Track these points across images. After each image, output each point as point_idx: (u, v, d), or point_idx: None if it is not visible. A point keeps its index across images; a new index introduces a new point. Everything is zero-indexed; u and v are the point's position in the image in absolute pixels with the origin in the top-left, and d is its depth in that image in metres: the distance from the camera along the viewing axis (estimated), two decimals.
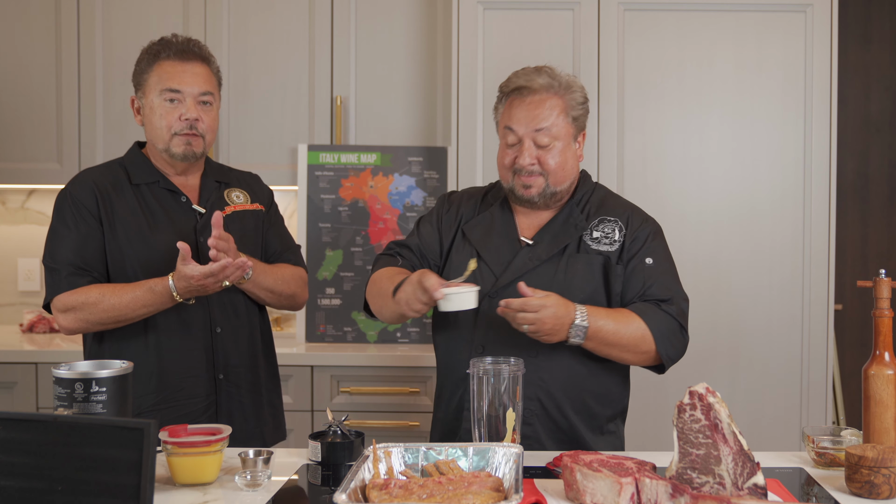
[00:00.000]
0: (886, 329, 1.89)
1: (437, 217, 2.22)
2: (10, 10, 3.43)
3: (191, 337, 2.27)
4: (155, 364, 2.24)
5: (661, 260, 2.11)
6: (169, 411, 2.24)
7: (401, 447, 1.72)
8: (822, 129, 3.11)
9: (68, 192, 2.28)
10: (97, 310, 2.18)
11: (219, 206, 2.34)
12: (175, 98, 2.25)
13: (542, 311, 1.89)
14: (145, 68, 2.29)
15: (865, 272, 4.37)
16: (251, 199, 2.42)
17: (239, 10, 3.42)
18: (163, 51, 2.27)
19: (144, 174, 2.31)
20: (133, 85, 2.33)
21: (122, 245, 2.24)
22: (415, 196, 3.40)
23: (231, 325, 2.31)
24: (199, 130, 2.27)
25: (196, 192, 2.35)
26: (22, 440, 1.44)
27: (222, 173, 2.43)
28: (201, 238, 2.27)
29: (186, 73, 2.26)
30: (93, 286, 2.21)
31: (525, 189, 2.09)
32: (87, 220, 2.24)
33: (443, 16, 3.39)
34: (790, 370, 3.12)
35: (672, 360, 2.06)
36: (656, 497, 1.54)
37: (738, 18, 3.13)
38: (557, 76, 2.10)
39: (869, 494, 1.67)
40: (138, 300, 2.17)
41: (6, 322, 3.73)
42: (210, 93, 2.29)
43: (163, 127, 2.26)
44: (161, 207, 2.29)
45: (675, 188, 3.14)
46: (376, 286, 2.13)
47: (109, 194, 2.27)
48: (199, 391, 2.27)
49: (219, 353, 2.29)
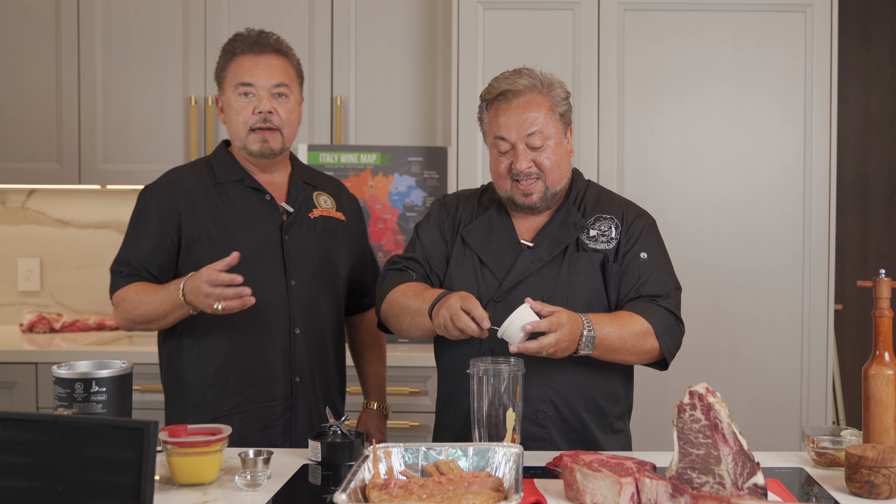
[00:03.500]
0: (886, 329, 1.89)
1: (438, 223, 2.19)
2: (10, 9, 3.43)
3: (269, 337, 2.23)
4: (233, 365, 2.21)
5: (656, 254, 2.11)
6: (245, 415, 2.21)
7: (401, 447, 1.72)
8: (822, 129, 3.11)
9: (149, 193, 2.27)
10: (131, 307, 2.18)
11: (307, 208, 2.32)
12: (248, 92, 2.22)
13: (559, 332, 1.85)
14: (223, 66, 2.27)
15: (865, 272, 4.37)
16: (336, 206, 2.39)
17: (239, 10, 3.42)
18: (237, 46, 2.25)
19: (229, 172, 2.29)
20: (216, 84, 2.31)
21: (205, 245, 2.22)
22: (415, 196, 3.40)
23: (310, 327, 2.27)
24: (273, 124, 2.23)
25: (283, 191, 2.32)
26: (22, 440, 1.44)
27: (310, 175, 2.40)
28: (286, 236, 2.26)
29: (259, 65, 2.23)
30: (133, 284, 2.20)
31: (526, 197, 2.07)
32: (159, 224, 2.23)
33: (443, 16, 3.39)
34: (790, 370, 3.12)
35: (673, 355, 2.06)
36: (656, 497, 1.54)
37: (738, 18, 3.13)
38: (537, 75, 2.08)
39: (869, 494, 1.67)
40: (160, 302, 2.13)
41: (6, 322, 3.73)
42: (285, 84, 2.24)
43: (239, 123, 2.23)
44: (245, 206, 2.26)
45: (674, 188, 3.14)
46: (398, 306, 2.07)
47: (192, 194, 2.25)
48: (276, 394, 2.23)
49: (296, 355, 2.25)
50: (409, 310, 2.04)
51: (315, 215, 2.32)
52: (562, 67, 3.09)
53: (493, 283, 2.08)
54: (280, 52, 2.26)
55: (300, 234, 2.29)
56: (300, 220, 2.30)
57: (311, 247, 2.29)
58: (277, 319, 2.23)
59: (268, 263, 2.24)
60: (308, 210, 2.32)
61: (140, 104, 3.43)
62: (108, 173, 3.43)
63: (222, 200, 2.26)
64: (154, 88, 3.43)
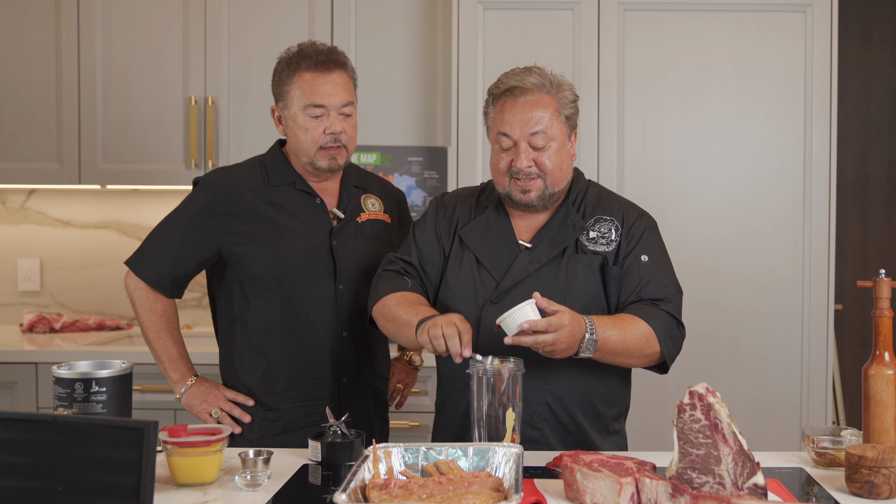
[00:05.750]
0: (886, 329, 1.89)
1: (434, 224, 2.19)
2: (10, 10, 3.43)
3: (318, 340, 2.28)
4: (282, 364, 2.28)
5: (657, 256, 2.10)
6: (294, 411, 2.28)
7: (401, 447, 1.72)
8: (822, 129, 3.11)
9: (199, 192, 2.30)
10: (137, 313, 2.34)
11: (356, 212, 2.35)
12: (319, 114, 2.23)
13: (559, 332, 1.83)
14: (285, 79, 2.26)
15: (865, 272, 4.37)
16: (384, 208, 2.42)
17: (239, 10, 3.42)
18: (302, 61, 2.24)
19: (282, 175, 2.32)
20: (273, 94, 2.31)
21: (255, 247, 2.26)
22: (415, 196, 3.40)
23: (357, 330, 2.32)
24: (342, 142, 2.26)
25: (334, 196, 2.35)
26: (22, 440, 1.44)
27: (359, 177, 2.42)
28: (335, 241, 2.29)
29: (328, 84, 2.23)
30: (147, 293, 2.30)
31: (523, 194, 2.05)
32: (200, 230, 2.27)
33: (443, 16, 3.39)
34: (790, 370, 3.12)
35: (673, 359, 2.05)
36: (656, 497, 1.54)
37: (738, 18, 3.13)
38: (547, 75, 2.07)
39: (869, 494, 1.67)
40: (154, 348, 2.33)
41: (6, 322, 3.73)
42: (352, 102, 2.27)
43: (308, 142, 2.25)
44: (296, 209, 2.30)
45: (674, 188, 3.14)
46: (390, 312, 2.07)
47: (244, 195, 2.28)
48: (324, 393, 2.29)
49: (344, 358, 2.31)
50: (398, 319, 2.03)
51: (363, 219, 2.36)
52: (562, 67, 3.09)
53: (490, 284, 2.07)
54: (343, 67, 2.28)
55: (348, 239, 2.32)
56: (349, 226, 2.33)
57: (358, 251, 2.33)
58: (326, 323, 2.29)
59: (317, 268, 2.28)
60: (357, 214, 2.35)
61: (140, 104, 3.43)
62: (108, 173, 3.43)
63: (273, 203, 2.29)
64: (154, 88, 3.43)
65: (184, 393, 2.31)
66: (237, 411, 2.28)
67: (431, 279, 2.16)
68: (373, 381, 2.39)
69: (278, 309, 2.27)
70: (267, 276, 2.26)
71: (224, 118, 3.38)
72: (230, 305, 2.31)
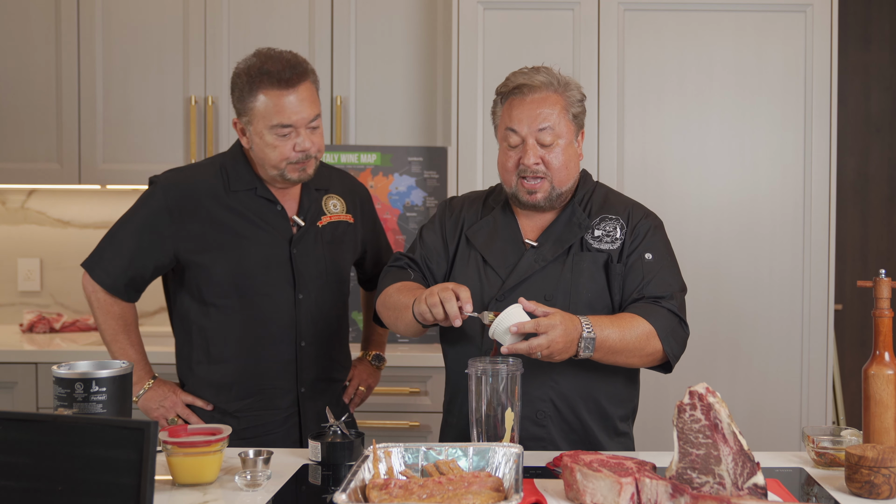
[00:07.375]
0: (886, 329, 1.88)
1: (441, 224, 2.20)
2: (10, 10, 3.43)
3: (276, 350, 2.26)
4: (237, 374, 2.26)
5: (661, 255, 2.10)
6: (250, 418, 2.26)
7: (401, 447, 1.72)
8: (822, 129, 3.11)
9: (157, 193, 2.25)
10: (94, 315, 2.32)
11: (317, 217, 2.31)
12: (287, 133, 2.17)
13: (551, 333, 1.83)
14: (247, 96, 2.17)
15: (865, 272, 4.37)
16: (346, 208, 2.38)
17: (239, 10, 3.42)
18: (265, 78, 2.14)
19: (243, 181, 2.26)
20: (234, 108, 2.23)
21: (213, 254, 2.22)
22: (415, 196, 3.40)
23: (316, 338, 2.30)
24: (311, 154, 2.21)
25: (295, 200, 2.30)
26: (22, 440, 1.44)
27: (321, 178, 2.35)
28: (295, 250, 2.26)
29: (294, 102, 2.15)
30: (104, 296, 2.28)
31: (530, 195, 2.06)
32: (157, 234, 2.23)
33: (443, 16, 3.39)
34: (790, 370, 3.12)
35: (677, 358, 2.04)
36: (656, 497, 1.54)
37: (738, 18, 3.13)
38: (555, 74, 2.09)
39: (869, 494, 1.67)
40: (111, 350, 2.32)
41: (6, 322, 3.73)
42: (318, 115, 2.21)
43: (276, 158, 2.18)
44: (256, 217, 2.26)
45: (675, 188, 3.14)
46: (390, 300, 2.09)
47: (203, 199, 2.24)
48: (279, 404, 2.27)
49: (302, 367, 2.28)
50: (397, 304, 2.05)
51: (323, 223, 2.33)
52: (562, 67, 3.08)
53: (496, 283, 2.08)
54: (307, 77, 2.18)
55: (309, 247, 2.29)
56: (309, 232, 2.30)
57: (318, 257, 2.30)
58: (285, 333, 2.26)
59: (277, 277, 2.25)
60: (317, 218, 2.32)
61: (140, 104, 3.43)
62: (108, 173, 3.43)
63: (233, 209, 2.25)
64: (154, 88, 3.43)
65: (141, 395, 2.28)
66: (194, 418, 2.25)
67: (435, 276, 2.16)
68: (332, 386, 2.36)
69: (237, 317, 2.24)
70: (226, 284, 2.22)
71: (224, 118, 3.38)
72: (188, 311, 2.27)
